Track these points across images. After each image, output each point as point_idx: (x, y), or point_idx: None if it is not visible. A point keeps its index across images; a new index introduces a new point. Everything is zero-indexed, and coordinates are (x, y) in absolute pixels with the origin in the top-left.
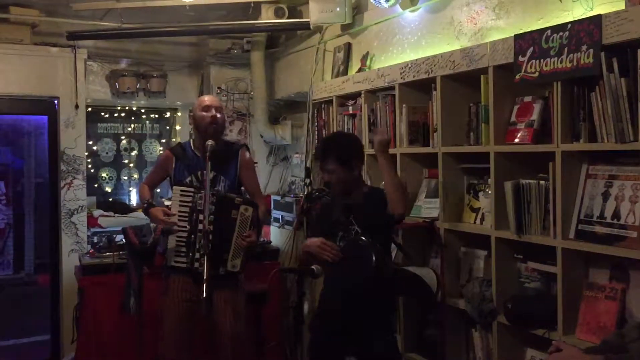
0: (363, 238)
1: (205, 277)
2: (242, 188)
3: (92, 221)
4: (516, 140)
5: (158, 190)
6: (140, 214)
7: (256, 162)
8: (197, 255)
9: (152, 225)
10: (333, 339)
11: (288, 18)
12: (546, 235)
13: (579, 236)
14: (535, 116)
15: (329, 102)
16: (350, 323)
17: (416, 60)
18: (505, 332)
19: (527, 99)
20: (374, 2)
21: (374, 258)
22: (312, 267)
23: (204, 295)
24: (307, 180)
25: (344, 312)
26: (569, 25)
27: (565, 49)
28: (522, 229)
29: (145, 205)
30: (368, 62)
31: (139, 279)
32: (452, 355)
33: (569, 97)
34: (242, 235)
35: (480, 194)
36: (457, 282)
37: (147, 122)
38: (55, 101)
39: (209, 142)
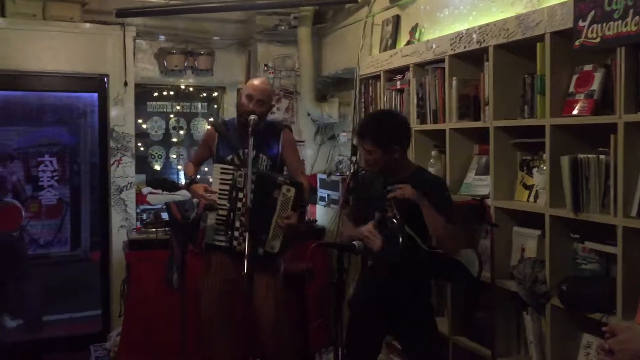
0: (394, 220)
1: (246, 253)
2: (285, 168)
3: (140, 198)
4: (574, 112)
5: (206, 169)
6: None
7: (303, 141)
8: (236, 234)
9: (195, 201)
10: (372, 318)
11: None
12: (606, 214)
13: None
14: (595, 86)
15: (376, 77)
16: (386, 304)
17: (467, 30)
18: (559, 316)
19: (587, 67)
20: None
21: (400, 241)
22: (353, 242)
23: (245, 272)
24: (354, 159)
25: (379, 292)
26: None
27: (631, 11)
28: (579, 207)
29: (188, 181)
30: (417, 34)
31: (182, 254)
32: (502, 340)
33: (634, 63)
34: (282, 217)
35: (534, 170)
36: (508, 263)
37: (196, 100)
38: (105, 79)
39: (252, 116)
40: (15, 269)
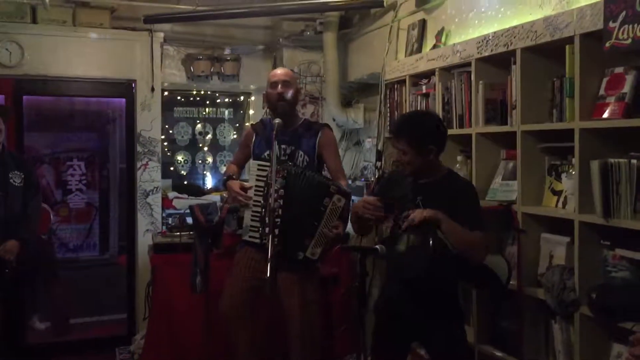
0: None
1: (269, 255)
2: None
3: (167, 203)
4: (605, 115)
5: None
6: (213, 196)
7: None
8: (267, 231)
9: (219, 204)
10: (398, 323)
11: None
12: (637, 220)
13: None
14: (627, 88)
15: (401, 82)
16: (412, 309)
17: (494, 32)
18: (589, 325)
19: (618, 70)
20: None
21: (431, 244)
22: (377, 246)
23: (268, 275)
24: (379, 164)
25: (405, 297)
26: None
27: None
28: (609, 213)
29: (225, 178)
30: (443, 38)
31: (205, 256)
32: (530, 349)
33: None
34: (330, 225)
35: (563, 175)
36: (536, 270)
37: (222, 106)
38: (133, 84)
39: (277, 120)
40: (44, 272)
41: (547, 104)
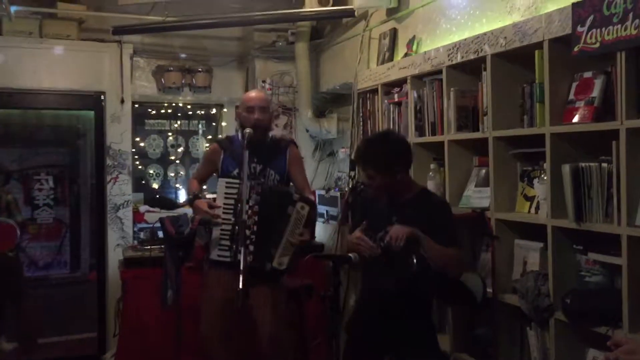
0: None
1: (242, 268)
2: (291, 183)
3: (138, 217)
4: (575, 119)
5: (205, 187)
6: (186, 209)
7: (302, 158)
8: (239, 248)
9: (190, 215)
10: (371, 338)
11: (332, 6)
12: (609, 223)
13: None
14: (596, 93)
15: (374, 91)
16: (387, 324)
17: (464, 40)
18: (564, 330)
19: (587, 74)
20: None
21: (414, 261)
22: (350, 254)
23: (240, 287)
24: (352, 174)
25: (381, 311)
26: None
27: (630, 15)
28: (582, 217)
29: (191, 197)
30: (414, 47)
31: (176, 269)
32: (505, 356)
33: (635, 68)
34: (295, 233)
35: (535, 180)
36: (510, 276)
37: (194, 119)
38: (102, 96)
39: (247, 130)
40: (10, 290)
41: (518, 110)
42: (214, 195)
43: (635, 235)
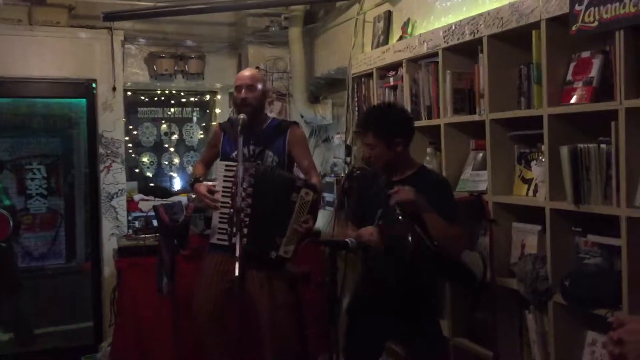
0: (400, 218)
1: (237, 254)
2: (294, 166)
3: (133, 206)
4: (573, 100)
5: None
6: (181, 197)
7: (306, 138)
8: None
9: (184, 203)
10: (372, 322)
11: None
12: (608, 205)
13: None
14: (594, 73)
15: (369, 75)
16: (389, 307)
17: (460, 21)
18: (563, 313)
19: (585, 54)
20: None
21: (410, 240)
22: (347, 240)
23: (237, 274)
24: (348, 159)
25: (381, 296)
26: None
27: None
28: (580, 199)
29: (192, 180)
30: (409, 29)
31: (171, 258)
32: (504, 340)
33: (634, 47)
34: (300, 221)
35: (533, 163)
36: (508, 260)
37: (187, 106)
38: (93, 84)
39: (241, 116)
40: (5, 282)
41: (515, 92)
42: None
43: (635, 216)
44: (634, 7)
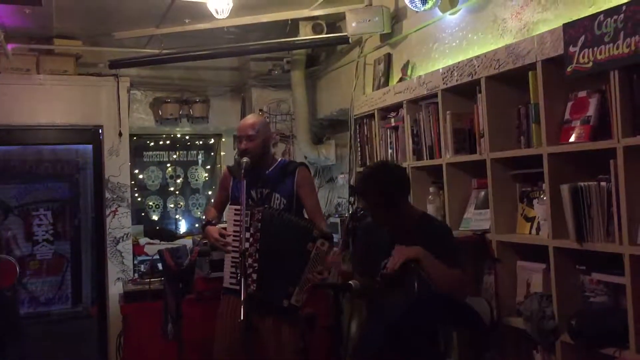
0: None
1: (242, 297)
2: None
3: (138, 249)
4: (571, 139)
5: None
6: (187, 240)
7: (313, 180)
8: (254, 277)
9: (189, 247)
10: None
11: (327, 34)
12: (611, 242)
13: None
14: (591, 112)
15: (370, 116)
16: (393, 352)
17: (458, 63)
18: (571, 353)
19: (582, 94)
20: (410, 5)
21: (416, 285)
22: (350, 282)
23: (242, 318)
24: (352, 199)
25: (386, 339)
26: (624, 7)
27: (621, 34)
28: (583, 236)
29: (204, 223)
30: (409, 71)
31: (176, 302)
32: None
33: (629, 86)
34: (315, 271)
35: (535, 201)
36: (514, 298)
37: (192, 149)
38: (100, 130)
39: (244, 159)
40: (8, 329)
41: (514, 131)
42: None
43: (638, 253)
44: (627, 47)
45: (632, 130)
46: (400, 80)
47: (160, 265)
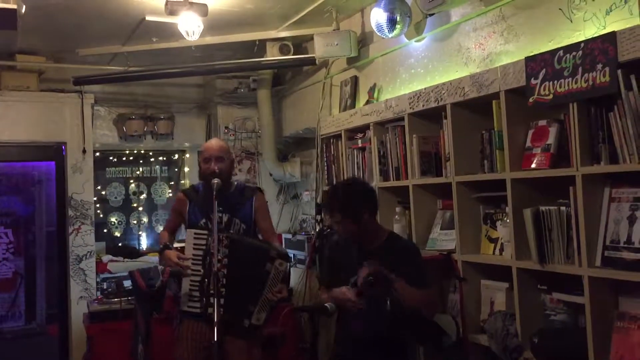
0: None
1: (215, 320)
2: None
3: (101, 267)
4: (533, 165)
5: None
6: (150, 257)
7: (267, 203)
8: (212, 300)
9: (160, 267)
10: None
11: (293, 55)
12: (571, 264)
13: (606, 263)
14: (551, 140)
15: (337, 136)
16: None
17: (425, 89)
18: None
19: (542, 122)
20: (378, 32)
21: (388, 304)
22: (326, 304)
23: (215, 339)
24: (318, 217)
25: (356, 356)
26: (582, 44)
27: (580, 69)
28: (544, 258)
29: (161, 247)
30: (375, 94)
31: (146, 324)
32: None
33: (586, 118)
34: (273, 290)
35: (498, 223)
36: (479, 317)
37: (156, 165)
38: (63, 146)
39: (215, 180)
40: None
41: (478, 155)
42: (183, 245)
43: (596, 275)
44: (585, 82)
45: (590, 159)
46: (367, 102)
47: (126, 284)
